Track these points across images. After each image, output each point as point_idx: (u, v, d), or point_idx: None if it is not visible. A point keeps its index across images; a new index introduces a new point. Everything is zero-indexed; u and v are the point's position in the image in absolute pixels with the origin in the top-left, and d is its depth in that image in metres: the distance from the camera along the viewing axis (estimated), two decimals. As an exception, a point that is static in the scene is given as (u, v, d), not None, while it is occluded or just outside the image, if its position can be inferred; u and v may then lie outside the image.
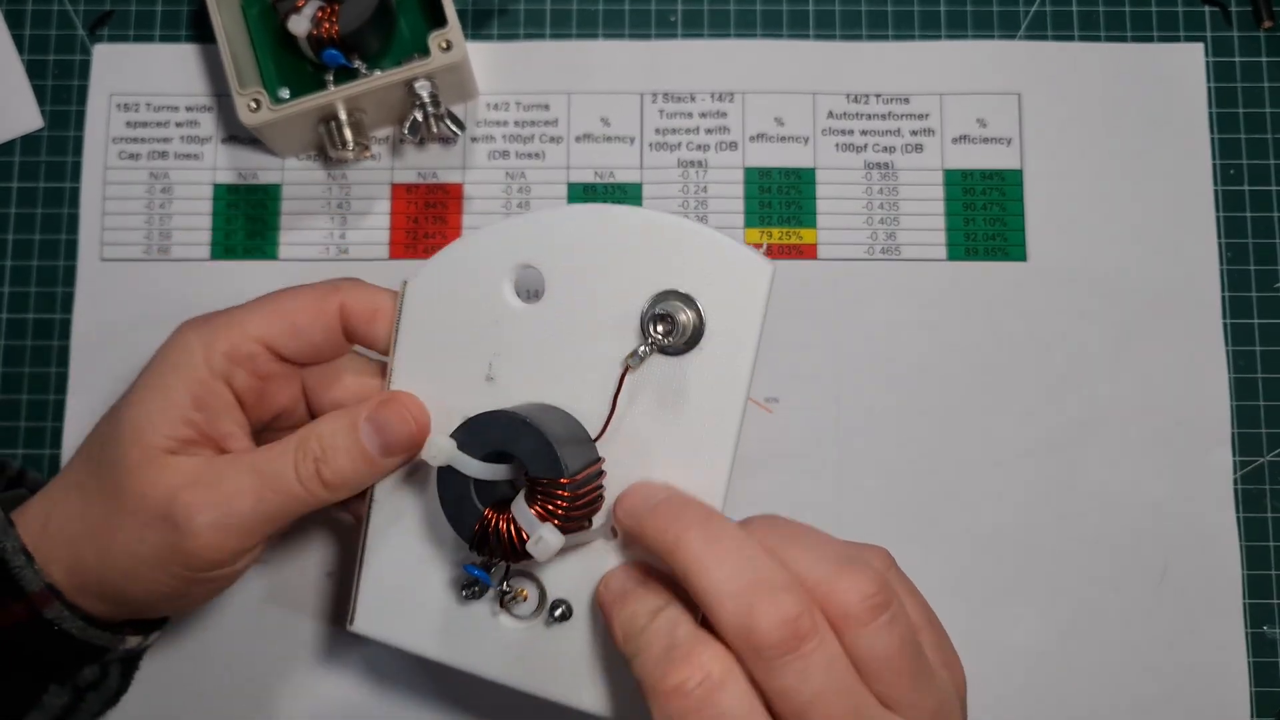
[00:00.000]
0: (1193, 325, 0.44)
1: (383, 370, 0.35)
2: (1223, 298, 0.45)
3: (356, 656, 0.43)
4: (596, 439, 0.32)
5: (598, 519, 0.32)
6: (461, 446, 0.30)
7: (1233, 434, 0.44)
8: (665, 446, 0.32)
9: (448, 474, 0.30)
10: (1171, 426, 0.44)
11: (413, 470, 0.35)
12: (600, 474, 0.32)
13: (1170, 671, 0.42)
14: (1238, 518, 0.43)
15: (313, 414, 0.36)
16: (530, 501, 0.30)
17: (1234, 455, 0.44)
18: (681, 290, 0.31)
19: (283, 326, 0.33)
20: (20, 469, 0.40)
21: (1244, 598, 0.43)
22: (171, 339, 0.34)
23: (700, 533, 0.28)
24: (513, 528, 0.30)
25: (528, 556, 0.30)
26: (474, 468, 0.30)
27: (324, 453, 0.32)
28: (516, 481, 0.31)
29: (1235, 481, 0.44)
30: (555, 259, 0.32)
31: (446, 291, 0.33)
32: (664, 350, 0.31)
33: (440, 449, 0.30)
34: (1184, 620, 0.43)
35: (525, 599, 0.33)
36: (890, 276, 0.45)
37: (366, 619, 0.35)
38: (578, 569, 0.33)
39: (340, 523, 0.43)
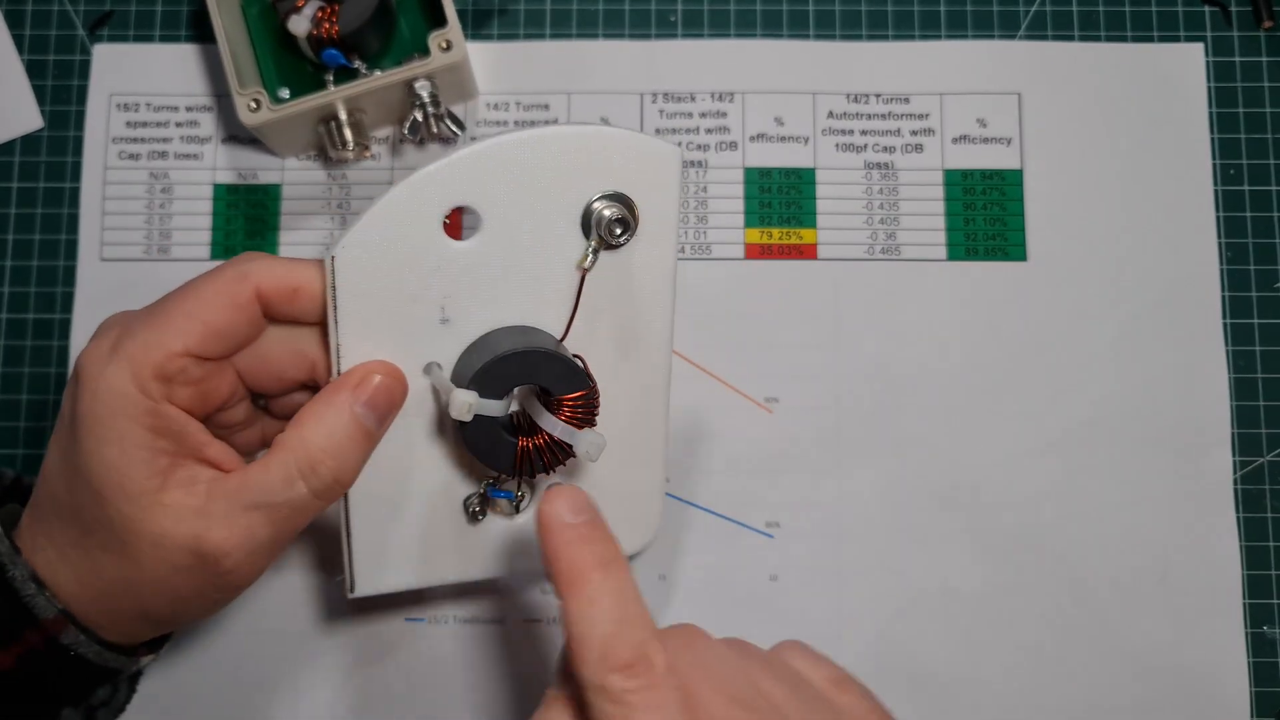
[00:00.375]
0: (1193, 325, 0.44)
1: (319, 337, 0.34)
2: (1223, 298, 0.45)
3: (356, 657, 0.43)
4: (563, 338, 0.34)
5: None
6: (482, 394, 0.32)
7: (1233, 434, 0.44)
8: (617, 328, 0.35)
9: (476, 421, 0.32)
10: (1171, 426, 0.44)
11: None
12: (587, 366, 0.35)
13: (1170, 671, 0.42)
14: (1238, 518, 0.43)
15: (252, 391, 0.35)
16: (556, 414, 0.33)
17: (1234, 455, 0.44)
18: (612, 189, 0.33)
19: (204, 333, 0.31)
20: (16, 476, 0.39)
21: (1244, 598, 0.43)
22: (86, 383, 0.31)
23: (592, 580, 0.28)
24: (550, 440, 0.33)
25: (562, 463, 0.34)
26: (498, 408, 0.32)
27: (333, 460, 0.31)
28: (524, 406, 0.34)
29: (1235, 481, 0.44)
30: (483, 193, 0.33)
31: (378, 253, 0.33)
32: (609, 246, 0.34)
33: (468, 404, 0.31)
34: (1184, 620, 0.43)
35: (525, 497, 0.37)
36: (890, 276, 0.45)
37: (365, 580, 0.36)
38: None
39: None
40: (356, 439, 0.32)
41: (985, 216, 0.45)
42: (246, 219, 0.45)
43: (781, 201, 0.45)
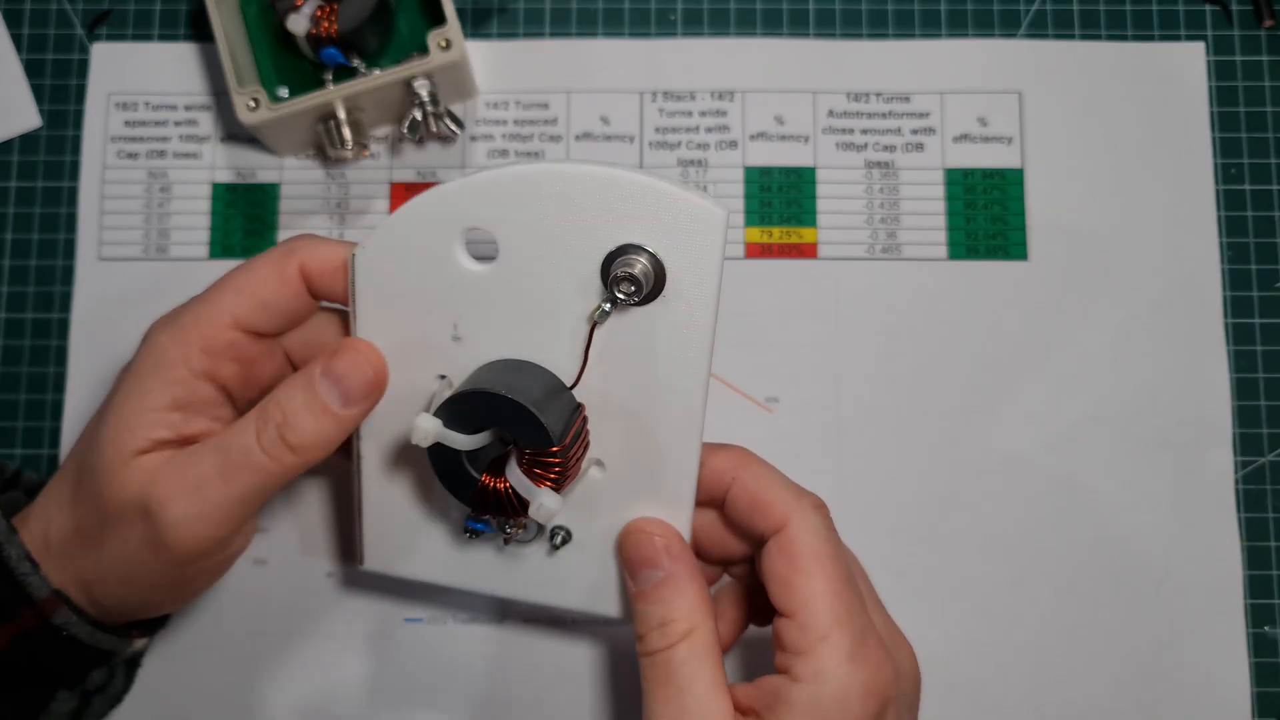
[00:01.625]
0: (1194, 325, 0.44)
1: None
2: (1224, 297, 0.45)
3: (356, 658, 0.43)
4: (572, 386, 0.32)
5: (586, 460, 0.33)
6: (447, 423, 0.30)
7: (1234, 434, 0.44)
8: (640, 393, 0.32)
9: (438, 447, 0.31)
10: (1172, 426, 0.44)
11: (397, 418, 0.34)
12: (584, 422, 0.32)
13: (1171, 672, 0.42)
14: (1239, 518, 0.43)
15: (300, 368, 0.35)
16: (521, 464, 0.31)
17: (1235, 455, 0.44)
18: (638, 244, 0.30)
19: (251, 304, 0.32)
20: (16, 469, 0.39)
21: (1245, 598, 0.43)
22: (146, 343, 0.33)
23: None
24: (510, 491, 0.31)
25: (522, 514, 0.31)
26: (462, 441, 0.30)
27: (284, 417, 0.31)
28: (505, 438, 0.32)
29: (1236, 481, 0.44)
30: (504, 220, 0.31)
31: (398, 259, 0.32)
32: (623, 304, 0.31)
33: (426, 431, 0.30)
34: (1185, 621, 0.43)
35: (525, 528, 0.34)
36: (891, 276, 0.45)
37: (375, 557, 0.36)
38: (571, 499, 0.34)
39: (339, 523, 0.43)
40: (311, 403, 0.31)
41: (986, 215, 0.45)
42: (245, 218, 0.45)
43: (782, 200, 0.45)
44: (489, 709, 0.42)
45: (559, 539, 0.34)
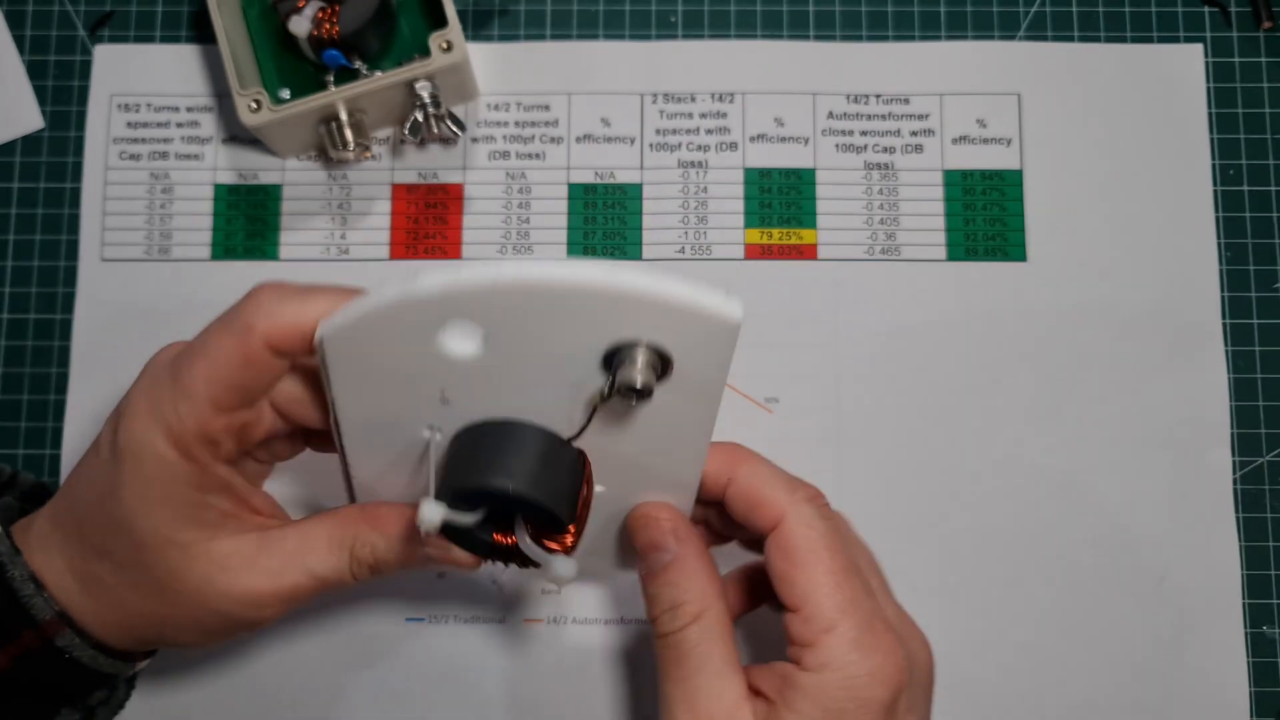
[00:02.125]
0: (1192, 326, 0.44)
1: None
2: (1222, 298, 0.45)
3: (356, 657, 0.43)
4: (572, 440, 0.30)
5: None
6: (450, 504, 0.29)
7: (1232, 434, 0.44)
8: (640, 450, 0.31)
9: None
10: (1171, 426, 0.44)
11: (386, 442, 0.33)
12: (588, 471, 0.32)
13: (1170, 672, 0.42)
14: (1237, 518, 0.43)
15: (290, 421, 0.34)
16: (530, 535, 0.31)
17: (1233, 455, 0.44)
18: (642, 341, 0.27)
19: (225, 390, 0.30)
20: (13, 472, 0.39)
21: (1243, 598, 0.43)
22: (128, 436, 0.31)
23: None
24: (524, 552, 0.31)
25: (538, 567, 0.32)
26: (469, 519, 0.30)
27: (376, 561, 0.33)
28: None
29: (1235, 482, 0.44)
30: (490, 320, 0.28)
31: (371, 345, 0.29)
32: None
33: (430, 521, 0.28)
34: (1183, 620, 0.43)
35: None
36: (890, 277, 0.45)
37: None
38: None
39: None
40: (400, 551, 0.33)
41: (985, 217, 0.45)
42: (247, 219, 0.45)
43: (781, 202, 0.45)
44: (490, 708, 0.42)
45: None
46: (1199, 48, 0.46)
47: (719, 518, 0.36)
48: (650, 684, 0.42)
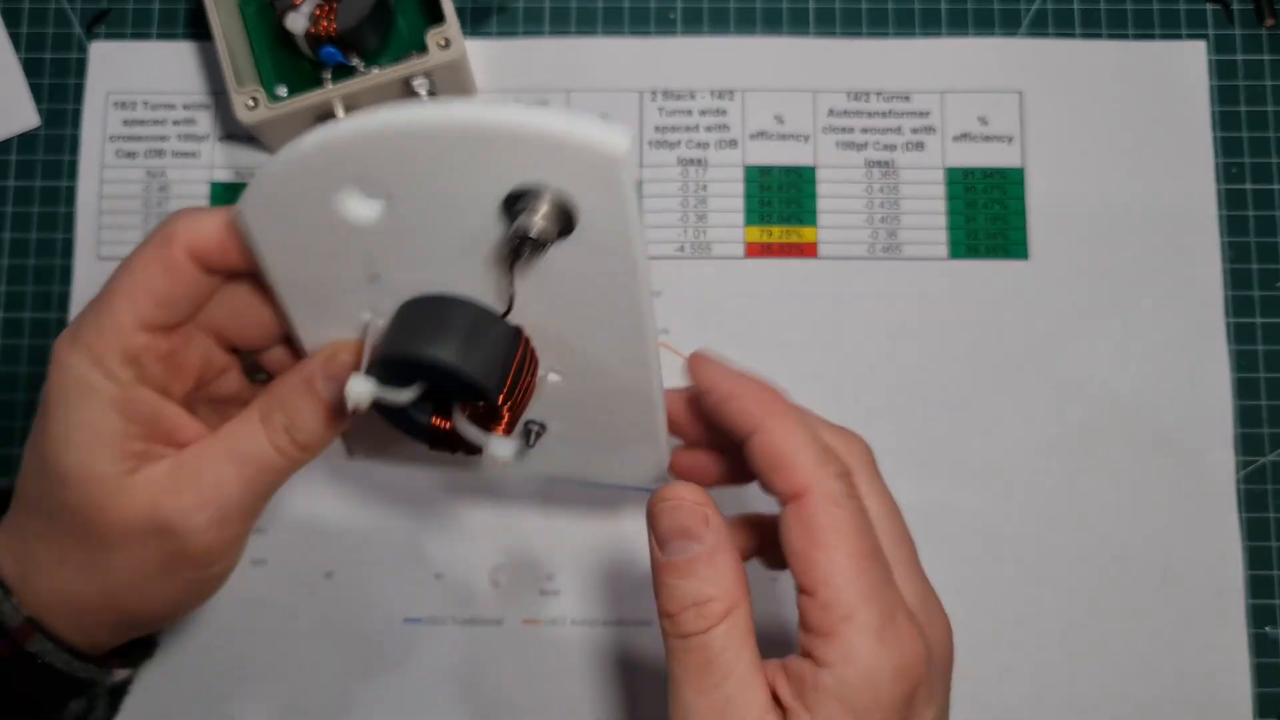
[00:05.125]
0: (1195, 324, 0.44)
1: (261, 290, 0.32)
2: (1225, 297, 0.44)
3: (355, 659, 0.42)
4: (504, 315, 0.29)
5: (541, 372, 0.31)
6: (381, 382, 0.28)
7: (1235, 434, 0.44)
8: (581, 326, 0.30)
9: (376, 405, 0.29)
10: (1173, 425, 0.44)
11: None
12: (527, 345, 0.30)
13: (1172, 672, 0.42)
14: (1240, 518, 0.43)
15: (236, 350, 0.34)
16: (466, 414, 0.29)
17: (1236, 455, 0.44)
18: (537, 184, 0.26)
19: (148, 305, 0.30)
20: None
21: (1246, 598, 0.43)
22: (58, 371, 0.31)
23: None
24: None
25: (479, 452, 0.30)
26: (402, 397, 0.29)
27: (291, 421, 0.31)
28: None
29: (1238, 481, 0.43)
30: (387, 171, 0.27)
31: (284, 212, 0.29)
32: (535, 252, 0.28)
33: (360, 394, 0.28)
34: (1186, 621, 0.43)
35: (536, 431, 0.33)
36: (891, 275, 0.45)
37: (361, 449, 0.36)
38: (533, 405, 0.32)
39: (338, 525, 0.43)
40: (316, 410, 0.31)
41: (986, 215, 0.45)
42: (244, 217, 0.45)
43: (781, 200, 0.45)
44: (488, 709, 0.42)
45: (534, 432, 0.32)
46: (1201, 45, 0.46)
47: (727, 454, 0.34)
48: (651, 685, 0.42)
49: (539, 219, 0.26)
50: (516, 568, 0.32)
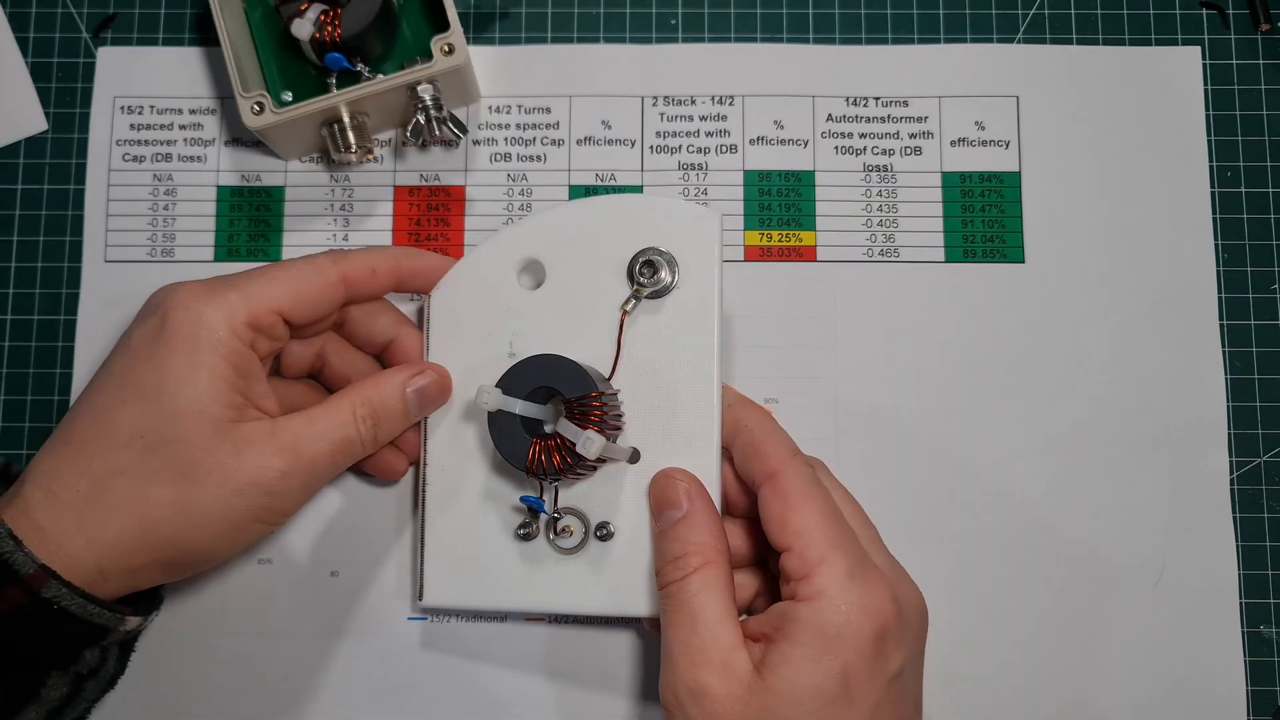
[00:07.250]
0: (1189, 327, 0.45)
1: (392, 318, 0.41)
2: (1219, 299, 0.45)
3: (359, 656, 0.43)
4: (610, 377, 0.38)
5: (622, 440, 0.38)
6: (506, 392, 0.36)
7: (1229, 435, 0.44)
8: (666, 372, 0.38)
9: (498, 418, 0.36)
10: (1168, 427, 0.44)
11: (461, 443, 0.40)
12: (618, 399, 0.38)
13: (1167, 671, 0.43)
14: (1234, 518, 0.44)
15: (332, 367, 0.41)
16: (570, 419, 0.36)
17: (1230, 456, 0.44)
18: (653, 246, 0.38)
19: (291, 294, 0.36)
20: (5, 463, 0.40)
21: (1240, 597, 0.43)
22: (181, 314, 0.35)
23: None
24: (561, 441, 0.36)
25: (576, 472, 0.36)
26: (520, 406, 0.36)
27: (378, 416, 0.37)
28: (552, 415, 0.37)
29: (1232, 482, 0.44)
30: (548, 249, 0.40)
31: (464, 295, 0.40)
32: (650, 295, 0.38)
33: (490, 396, 0.36)
34: (1181, 620, 0.43)
35: (572, 533, 0.38)
36: (889, 278, 0.45)
37: (434, 591, 0.40)
38: (612, 495, 0.38)
39: (343, 524, 0.43)
40: (400, 409, 0.38)
41: (983, 219, 0.46)
42: (250, 221, 0.46)
43: (781, 204, 0.46)
44: (491, 707, 0.43)
45: (604, 531, 0.38)
46: (1197, 50, 0.46)
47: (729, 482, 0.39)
48: (651, 684, 0.43)
49: (657, 258, 0.38)
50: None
